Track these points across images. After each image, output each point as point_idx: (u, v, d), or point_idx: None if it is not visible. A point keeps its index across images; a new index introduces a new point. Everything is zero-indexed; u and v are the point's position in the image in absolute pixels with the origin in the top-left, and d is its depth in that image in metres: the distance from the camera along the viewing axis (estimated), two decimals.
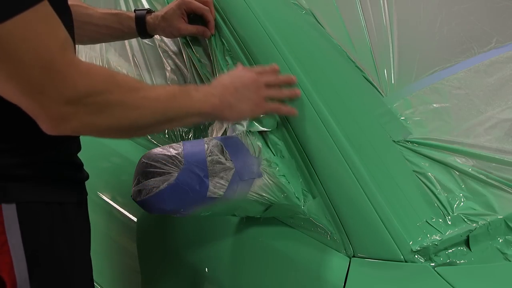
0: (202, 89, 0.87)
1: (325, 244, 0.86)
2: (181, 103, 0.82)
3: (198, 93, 0.84)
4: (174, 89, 0.85)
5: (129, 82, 0.78)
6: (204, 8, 1.04)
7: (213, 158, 0.83)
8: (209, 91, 0.86)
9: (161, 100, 0.79)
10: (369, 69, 1.02)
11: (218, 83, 0.89)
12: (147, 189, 0.81)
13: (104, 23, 1.10)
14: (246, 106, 0.88)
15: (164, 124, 0.82)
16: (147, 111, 0.77)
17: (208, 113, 0.85)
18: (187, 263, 1.03)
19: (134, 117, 0.76)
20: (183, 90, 0.84)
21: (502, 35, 1.19)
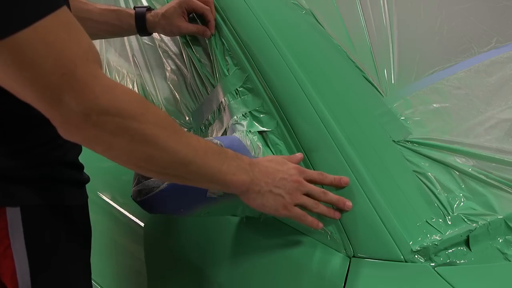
0: (239, 159, 0.79)
1: (325, 244, 0.86)
2: (208, 163, 0.75)
3: (232, 162, 0.78)
4: (208, 145, 0.77)
5: (163, 118, 0.72)
6: (205, 7, 1.04)
7: None
8: (244, 166, 0.79)
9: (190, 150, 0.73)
10: (369, 69, 1.02)
11: (259, 163, 0.82)
12: (147, 189, 0.81)
13: (103, 19, 1.10)
14: (273, 202, 0.82)
15: (174, 177, 0.76)
16: (169, 156, 0.72)
17: (231, 187, 0.79)
18: (187, 263, 1.03)
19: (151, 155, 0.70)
20: (218, 151, 0.77)
21: (502, 35, 1.19)
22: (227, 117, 0.97)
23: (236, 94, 0.98)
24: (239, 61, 0.99)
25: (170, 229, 1.09)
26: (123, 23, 1.10)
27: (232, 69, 1.00)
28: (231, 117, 0.96)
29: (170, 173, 0.74)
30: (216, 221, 1.00)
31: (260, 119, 0.95)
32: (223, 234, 0.98)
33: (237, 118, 0.95)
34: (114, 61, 1.38)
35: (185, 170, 0.74)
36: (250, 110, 0.96)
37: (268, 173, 0.81)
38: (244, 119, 0.94)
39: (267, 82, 0.96)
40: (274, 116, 0.94)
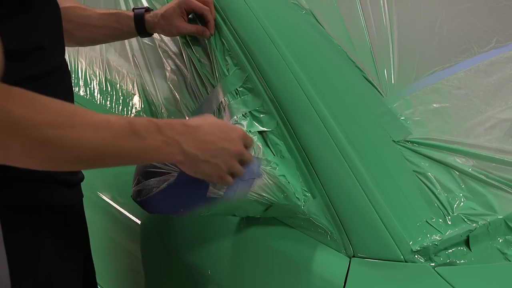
0: (165, 130, 0.72)
1: (325, 244, 0.86)
2: (125, 146, 0.69)
3: (155, 136, 0.71)
4: (118, 125, 0.68)
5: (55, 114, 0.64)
6: (204, 8, 1.04)
7: None
8: (175, 138, 0.73)
9: (92, 140, 0.66)
10: (369, 69, 1.02)
11: (198, 132, 0.76)
12: (147, 189, 0.81)
13: (103, 23, 1.10)
14: (209, 171, 0.78)
15: (96, 164, 0.71)
16: (68, 152, 0.65)
17: (162, 160, 0.75)
18: (187, 263, 1.03)
19: (46, 157, 0.65)
20: (133, 128, 0.69)
21: (502, 35, 1.19)
22: (227, 117, 0.97)
23: (236, 94, 0.98)
24: (239, 61, 0.99)
25: (167, 227, 1.09)
26: (122, 25, 1.10)
27: (232, 69, 1.00)
28: (231, 117, 0.96)
29: (86, 166, 0.71)
30: (214, 220, 1.00)
31: (260, 119, 0.95)
32: (223, 233, 0.98)
33: (237, 118, 0.95)
34: (114, 61, 1.38)
35: (99, 163, 0.70)
36: (250, 110, 0.96)
37: (207, 142, 0.76)
38: (244, 119, 0.94)
39: (267, 82, 0.96)
40: (274, 116, 0.94)
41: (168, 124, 0.73)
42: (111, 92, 1.37)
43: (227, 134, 0.79)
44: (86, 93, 1.45)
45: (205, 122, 0.78)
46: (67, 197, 0.87)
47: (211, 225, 1.01)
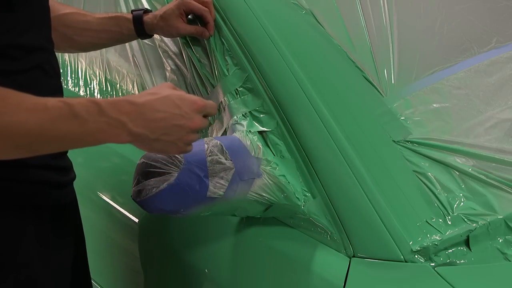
0: (108, 111, 0.68)
1: (325, 244, 0.86)
2: (64, 130, 0.66)
3: (97, 118, 0.67)
4: (55, 109, 0.65)
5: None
6: (204, 9, 1.04)
7: (213, 158, 0.83)
8: (119, 119, 0.68)
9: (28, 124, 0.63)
10: (369, 69, 1.02)
11: (146, 110, 0.70)
12: (147, 189, 0.81)
13: (102, 27, 1.10)
14: (162, 148, 0.74)
15: (35, 150, 0.68)
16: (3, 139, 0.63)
17: (107, 142, 0.70)
18: (187, 263, 1.02)
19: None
20: (71, 111, 0.66)
21: (502, 35, 1.19)
22: (227, 117, 0.97)
23: (236, 94, 0.98)
24: (239, 61, 0.99)
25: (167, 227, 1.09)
26: (122, 28, 1.10)
27: (232, 69, 1.00)
28: (231, 117, 0.96)
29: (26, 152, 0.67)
30: (214, 220, 1.00)
31: (260, 119, 0.95)
32: (223, 233, 0.98)
33: (237, 118, 0.95)
34: (114, 61, 1.38)
35: (38, 148, 0.67)
36: (250, 110, 0.96)
37: (157, 120, 0.71)
38: (244, 119, 0.94)
39: (267, 82, 0.96)
40: (274, 116, 0.94)
41: (112, 104, 0.69)
42: (111, 92, 1.37)
43: (181, 109, 0.73)
44: (86, 93, 1.45)
45: (155, 97, 0.72)
46: (55, 197, 0.87)
47: (211, 225, 1.01)
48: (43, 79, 0.83)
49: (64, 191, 0.89)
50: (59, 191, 0.88)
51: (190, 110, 0.74)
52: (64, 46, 1.11)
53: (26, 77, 0.79)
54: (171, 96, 0.73)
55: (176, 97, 0.74)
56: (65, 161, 0.90)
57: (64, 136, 0.67)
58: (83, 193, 0.95)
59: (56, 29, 0.91)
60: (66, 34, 1.04)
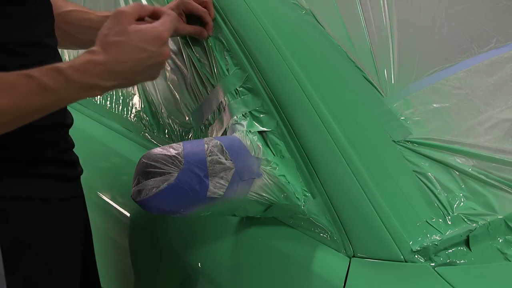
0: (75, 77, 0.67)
1: (325, 244, 0.86)
2: (37, 103, 0.67)
3: (67, 86, 0.67)
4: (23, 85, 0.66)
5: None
6: (203, 10, 1.04)
7: (213, 158, 0.83)
8: (89, 82, 0.68)
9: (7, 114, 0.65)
10: (369, 69, 1.02)
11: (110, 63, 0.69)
12: (147, 189, 0.81)
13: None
14: (146, 80, 0.76)
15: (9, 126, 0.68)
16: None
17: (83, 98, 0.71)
18: (187, 263, 1.03)
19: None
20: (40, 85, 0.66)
21: (502, 35, 1.19)
22: (227, 117, 0.97)
23: (236, 94, 0.98)
24: (239, 61, 0.99)
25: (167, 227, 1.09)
26: None
27: (232, 69, 1.00)
28: (231, 117, 0.96)
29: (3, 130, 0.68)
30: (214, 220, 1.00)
31: (260, 119, 0.95)
32: (223, 233, 0.98)
33: (237, 118, 0.95)
34: None
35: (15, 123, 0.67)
36: (250, 110, 0.96)
37: (126, 70, 0.71)
38: (244, 119, 0.94)
39: (267, 82, 0.96)
40: (274, 116, 0.94)
41: (77, 69, 0.68)
42: (111, 92, 1.37)
43: (146, 51, 0.72)
44: None
45: (118, 50, 0.70)
46: (63, 191, 0.88)
47: (211, 225, 1.01)
48: None
49: (71, 184, 0.90)
50: (67, 184, 0.89)
51: (156, 48, 0.72)
52: (65, 43, 1.12)
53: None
54: (133, 41, 0.71)
55: (139, 40, 0.71)
56: (71, 155, 0.92)
57: (41, 106, 0.68)
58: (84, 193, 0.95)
59: (58, 26, 0.91)
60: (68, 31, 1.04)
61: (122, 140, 1.31)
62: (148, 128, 1.25)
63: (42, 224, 0.84)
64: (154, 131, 1.24)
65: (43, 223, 0.84)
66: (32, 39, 0.80)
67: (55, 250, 0.86)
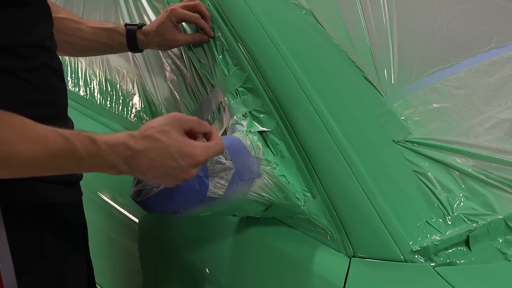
0: (106, 153, 0.69)
1: (325, 244, 0.86)
2: (61, 165, 0.68)
3: (95, 158, 0.69)
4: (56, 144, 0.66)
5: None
6: (194, 16, 1.03)
7: (213, 158, 0.83)
8: (114, 161, 0.70)
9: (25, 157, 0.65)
10: (369, 69, 1.02)
11: (140, 155, 0.70)
12: (147, 189, 0.81)
13: (94, 38, 1.09)
14: (161, 182, 0.76)
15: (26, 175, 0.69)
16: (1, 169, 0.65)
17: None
18: (187, 263, 1.03)
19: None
20: (71, 149, 0.67)
21: (502, 35, 1.19)
22: (227, 117, 0.97)
23: (236, 94, 0.98)
24: (239, 61, 0.99)
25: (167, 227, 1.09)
26: (114, 41, 1.09)
27: (232, 69, 1.00)
28: (231, 117, 0.96)
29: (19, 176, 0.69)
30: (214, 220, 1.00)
31: (260, 119, 0.95)
32: (223, 233, 0.98)
33: (237, 118, 0.95)
34: (114, 61, 1.38)
35: (34, 173, 0.68)
36: (250, 110, 0.96)
37: (150, 168, 0.72)
38: (244, 119, 0.94)
39: (267, 82, 0.96)
40: (274, 116, 0.94)
41: (111, 147, 0.69)
42: (111, 92, 1.37)
43: (176, 162, 0.72)
44: (86, 93, 1.45)
45: (153, 146, 0.71)
46: (66, 195, 0.88)
47: (211, 225, 1.01)
48: (51, 78, 0.84)
49: (74, 188, 0.91)
50: (70, 189, 0.89)
51: (186, 164, 0.73)
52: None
53: (36, 76, 0.79)
54: (170, 148, 0.72)
55: (175, 150, 0.72)
56: None
57: (60, 168, 0.69)
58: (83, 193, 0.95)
59: None
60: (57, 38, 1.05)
61: None
62: None
63: (49, 229, 0.84)
64: None
65: (50, 228, 0.84)
66: (36, 41, 0.80)
67: (61, 255, 0.86)
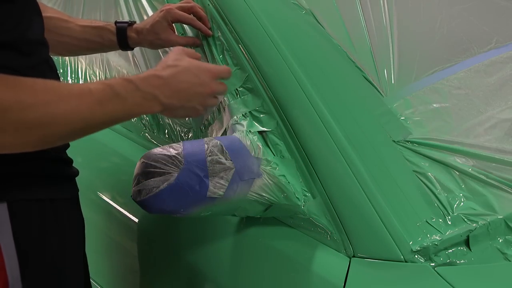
0: (142, 86, 0.76)
1: (325, 244, 0.86)
2: (109, 110, 0.73)
3: (135, 94, 0.75)
4: (99, 92, 0.71)
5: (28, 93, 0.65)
6: (189, 18, 1.04)
7: (213, 158, 0.83)
8: (152, 92, 0.77)
9: (80, 110, 0.69)
10: (369, 69, 1.02)
11: (172, 81, 0.79)
12: (147, 189, 0.81)
13: (84, 36, 1.09)
14: (185, 114, 0.85)
15: (85, 133, 0.73)
16: (61, 127, 0.68)
17: (141, 115, 0.81)
18: (187, 263, 1.03)
19: (42, 135, 0.67)
20: (113, 91, 0.73)
21: (502, 35, 1.19)
22: (227, 117, 0.97)
23: (236, 94, 0.98)
24: (239, 61, 0.99)
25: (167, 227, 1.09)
26: (104, 39, 1.09)
27: (232, 69, 1.00)
28: (231, 117, 0.96)
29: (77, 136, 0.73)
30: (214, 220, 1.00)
31: (260, 119, 0.95)
32: (223, 233, 0.98)
33: (237, 118, 0.95)
34: (114, 61, 1.38)
35: (88, 131, 0.73)
36: (250, 110, 0.96)
37: (181, 90, 0.81)
38: (244, 119, 0.94)
39: (267, 82, 0.96)
40: (274, 116, 0.94)
41: (143, 80, 0.77)
42: None
43: (199, 78, 0.83)
44: None
45: (177, 70, 0.81)
46: (66, 190, 0.89)
47: (211, 225, 1.01)
48: (49, 74, 0.84)
49: (72, 184, 0.91)
50: (69, 184, 0.90)
51: (207, 78, 0.84)
52: None
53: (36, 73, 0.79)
54: (190, 68, 0.82)
55: (194, 67, 0.83)
56: (67, 155, 0.92)
57: (110, 115, 0.73)
58: (83, 193, 0.95)
59: None
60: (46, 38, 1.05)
61: (122, 140, 1.31)
62: (148, 128, 1.25)
63: (51, 225, 0.84)
64: (154, 131, 1.24)
65: (51, 224, 0.84)
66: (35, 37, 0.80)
67: (62, 251, 0.87)
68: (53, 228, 0.85)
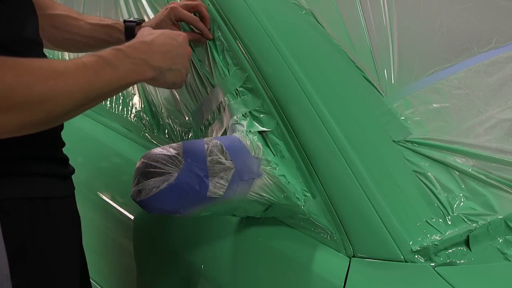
0: (130, 53, 0.79)
1: (325, 244, 0.86)
2: (105, 79, 0.75)
3: (125, 61, 0.77)
4: (93, 63, 0.74)
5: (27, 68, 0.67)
6: (193, 18, 1.04)
7: (213, 158, 0.83)
8: (141, 57, 0.80)
9: (78, 83, 0.71)
10: (369, 69, 1.02)
11: (154, 45, 0.83)
12: (147, 189, 0.81)
13: (93, 34, 1.10)
14: (173, 79, 0.87)
15: (86, 105, 0.75)
16: (63, 100, 0.70)
17: (137, 82, 0.82)
18: (187, 263, 1.03)
19: (46, 111, 0.68)
20: (105, 61, 0.75)
21: (502, 35, 1.19)
22: (227, 117, 0.97)
23: (236, 94, 0.98)
24: (239, 61, 0.99)
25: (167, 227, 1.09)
26: (112, 38, 1.10)
27: (232, 69, 1.00)
28: (231, 117, 0.96)
29: (78, 109, 0.73)
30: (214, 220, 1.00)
31: (260, 119, 0.95)
32: (223, 233, 0.98)
33: (237, 118, 0.95)
34: None
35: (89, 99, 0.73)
36: (250, 110, 0.96)
37: (166, 52, 0.84)
38: (244, 119, 0.94)
39: (267, 82, 0.96)
40: (274, 116, 0.94)
41: (131, 47, 0.80)
42: None
43: (176, 40, 0.87)
44: None
45: (156, 35, 0.85)
46: (60, 189, 0.88)
47: (211, 225, 1.01)
48: None
49: (67, 182, 0.91)
50: (63, 183, 0.89)
51: (182, 40, 0.89)
52: (51, 46, 1.12)
53: None
54: (165, 32, 0.87)
55: (169, 32, 0.88)
56: (63, 153, 0.92)
57: (106, 85, 0.75)
58: (83, 193, 0.95)
59: (44, 28, 0.91)
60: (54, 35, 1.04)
61: (122, 140, 1.31)
62: (148, 128, 1.25)
63: (43, 224, 0.84)
64: (154, 131, 1.24)
65: (44, 222, 0.84)
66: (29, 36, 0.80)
67: (55, 249, 0.86)
68: (46, 226, 0.84)
